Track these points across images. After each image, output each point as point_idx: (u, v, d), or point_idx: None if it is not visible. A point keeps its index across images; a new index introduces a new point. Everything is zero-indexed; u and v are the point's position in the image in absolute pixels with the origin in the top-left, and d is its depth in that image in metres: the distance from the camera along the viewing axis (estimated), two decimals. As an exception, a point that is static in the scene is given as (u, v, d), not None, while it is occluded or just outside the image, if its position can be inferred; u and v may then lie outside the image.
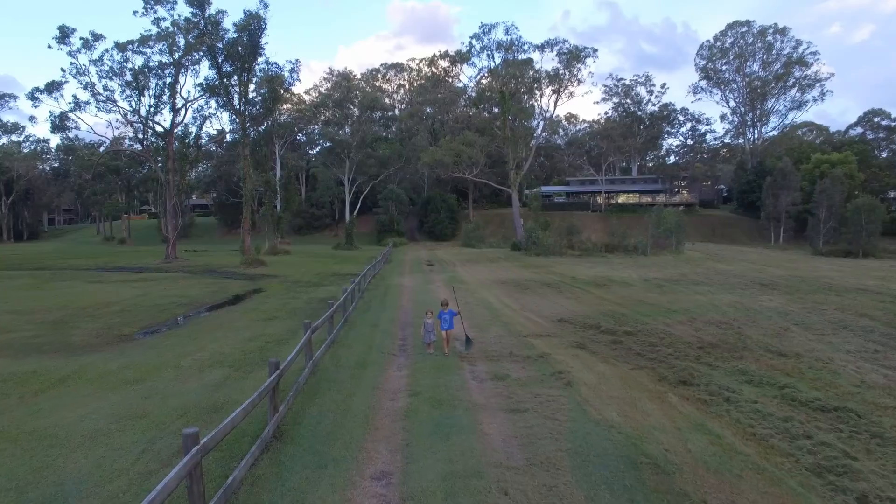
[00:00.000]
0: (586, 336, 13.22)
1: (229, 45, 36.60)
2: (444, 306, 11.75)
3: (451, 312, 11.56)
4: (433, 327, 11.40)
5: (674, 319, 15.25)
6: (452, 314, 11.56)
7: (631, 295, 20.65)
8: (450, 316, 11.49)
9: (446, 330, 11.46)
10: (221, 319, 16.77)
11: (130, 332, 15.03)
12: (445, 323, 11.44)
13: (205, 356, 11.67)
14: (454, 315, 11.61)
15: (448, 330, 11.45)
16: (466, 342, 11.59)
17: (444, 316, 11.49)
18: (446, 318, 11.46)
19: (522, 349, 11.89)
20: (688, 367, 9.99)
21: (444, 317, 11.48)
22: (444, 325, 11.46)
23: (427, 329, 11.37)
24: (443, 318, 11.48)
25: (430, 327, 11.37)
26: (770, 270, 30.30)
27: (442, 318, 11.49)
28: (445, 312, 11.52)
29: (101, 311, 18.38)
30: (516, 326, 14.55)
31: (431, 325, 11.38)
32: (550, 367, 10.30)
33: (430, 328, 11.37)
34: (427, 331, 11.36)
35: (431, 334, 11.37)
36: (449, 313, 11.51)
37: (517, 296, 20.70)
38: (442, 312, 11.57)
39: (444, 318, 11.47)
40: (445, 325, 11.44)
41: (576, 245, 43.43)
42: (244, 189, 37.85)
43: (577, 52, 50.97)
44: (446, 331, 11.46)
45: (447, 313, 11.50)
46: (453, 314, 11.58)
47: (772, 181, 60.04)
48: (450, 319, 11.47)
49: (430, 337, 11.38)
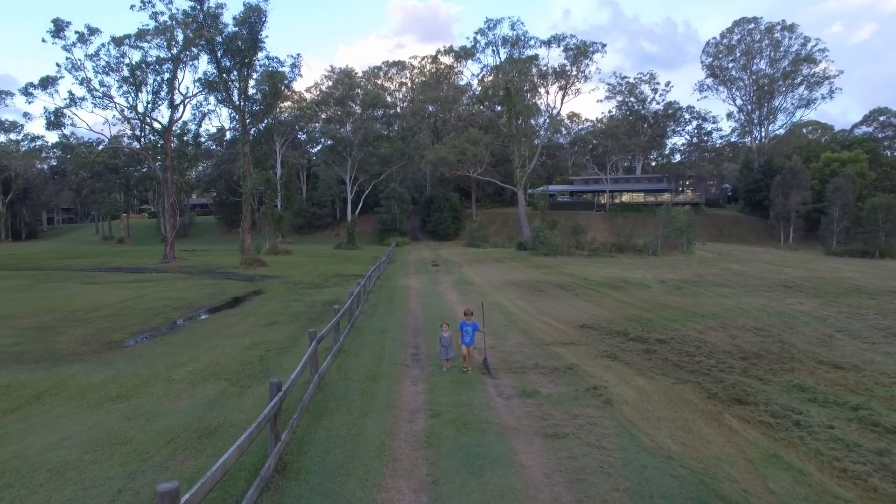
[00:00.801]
0: (614, 344, 12.16)
1: (229, 38, 35.54)
2: (467, 316, 10.06)
3: (475, 326, 9.91)
4: (451, 341, 9.90)
5: (704, 325, 14.19)
6: (475, 328, 9.91)
7: (651, 298, 19.59)
8: (472, 329, 9.85)
9: (467, 345, 9.82)
10: (219, 324, 15.72)
11: (120, 339, 13.97)
12: (467, 336, 9.80)
13: (199, 367, 10.62)
14: (477, 330, 9.96)
15: (469, 345, 9.82)
16: (484, 365, 9.92)
17: (465, 328, 9.85)
18: (468, 330, 9.81)
19: (548, 359, 10.84)
20: (737, 382, 8.93)
21: (465, 329, 9.85)
22: (464, 338, 9.82)
23: (444, 344, 9.85)
24: (464, 331, 9.84)
25: (447, 342, 9.86)
26: (788, 271, 29.23)
27: (463, 331, 9.86)
28: (468, 324, 9.86)
29: (92, 314, 17.33)
30: (536, 333, 13.49)
31: (449, 340, 9.88)
32: (583, 382, 9.25)
33: (447, 342, 9.86)
34: (444, 346, 9.85)
35: (449, 350, 9.88)
36: (472, 326, 9.86)
37: (532, 298, 19.63)
38: (463, 324, 9.92)
39: (465, 331, 9.83)
40: (467, 339, 9.80)
41: (584, 245, 42.33)
42: (244, 187, 36.79)
43: (584, 47, 49.82)
44: (467, 346, 9.83)
45: (469, 325, 9.85)
46: (476, 328, 9.93)
47: (781, 180, 58.92)
48: (472, 333, 9.82)
49: (447, 353, 9.88)
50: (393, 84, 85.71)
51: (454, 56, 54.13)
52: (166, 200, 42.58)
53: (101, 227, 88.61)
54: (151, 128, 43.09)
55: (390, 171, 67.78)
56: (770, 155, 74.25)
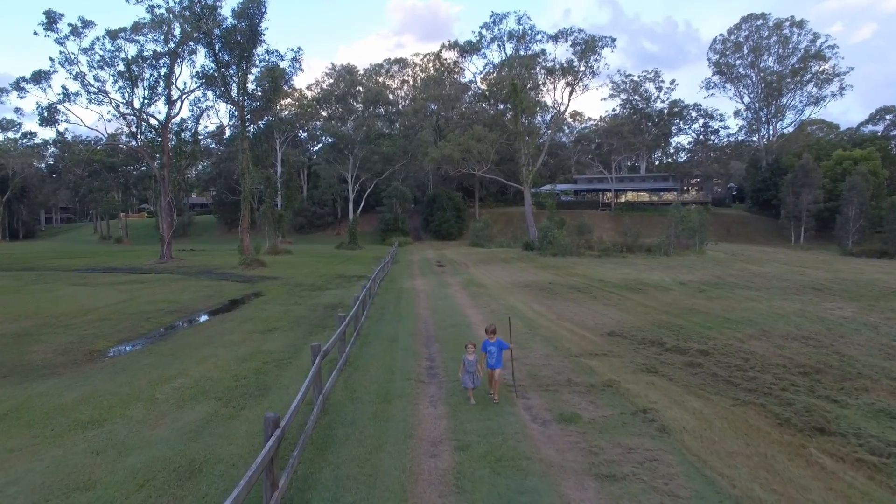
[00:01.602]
0: (651, 356, 10.94)
1: (227, 31, 34.29)
2: (490, 335, 8.34)
3: (501, 344, 8.24)
4: (476, 366, 8.12)
5: (743, 333, 12.95)
6: (502, 346, 8.25)
7: (675, 301, 18.35)
8: (498, 349, 8.20)
9: (493, 368, 8.21)
10: (213, 331, 14.50)
11: (104, 348, 12.76)
12: (492, 357, 8.17)
13: (187, 383, 9.40)
14: (505, 349, 8.31)
15: (496, 368, 8.22)
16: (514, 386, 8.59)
17: (489, 348, 8.21)
18: (493, 351, 8.18)
19: (581, 374, 9.61)
20: (809, 405, 7.70)
21: (489, 349, 8.20)
22: (490, 360, 8.19)
23: (468, 369, 8.07)
24: (489, 352, 8.20)
25: (472, 366, 8.06)
26: (810, 272, 27.98)
27: (488, 352, 8.21)
28: (492, 343, 8.21)
29: (77, 319, 16.12)
30: (561, 342, 12.26)
31: (475, 364, 8.08)
32: (628, 402, 8.03)
33: (472, 367, 8.06)
34: (468, 371, 8.08)
35: (475, 377, 8.09)
36: (497, 345, 8.20)
37: (548, 302, 18.40)
38: (487, 343, 8.27)
39: (490, 352, 8.19)
40: (492, 361, 8.19)
41: (594, 245, 41.09)
42: (243, 185, 35.57)
43: (592, 41, 48.53)
44: (493, 369, 8.22)
45: (494, 345, 8.20)
46: (503, 347, 8.26)
47: (792, 178, 57.63)
48: (498, 353, 8.21)
49: (472, 381, 8.10)
50: (395, 82, 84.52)
51: (459, 51, 52.87)
52: (163, 199, 41.37)
53: (99, 227, 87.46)
54: (148, 124, 41.91)
55: (392, 169, 66.52)
56: (778, 153, 72.98)
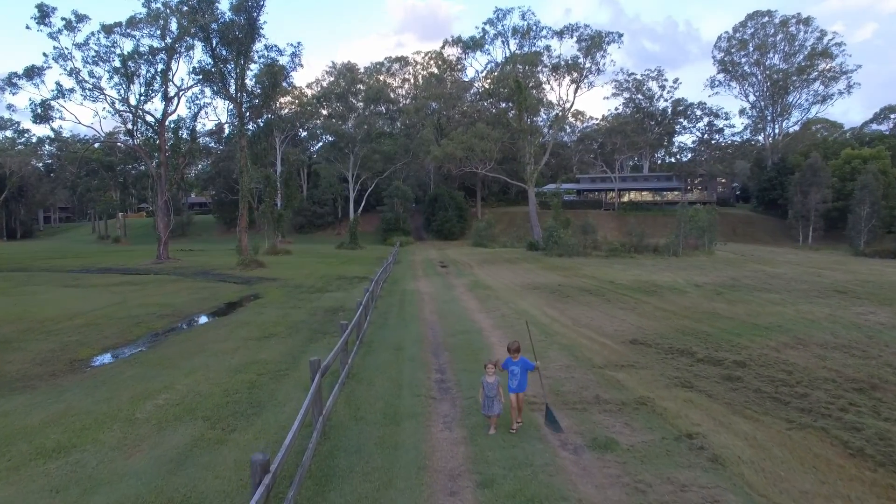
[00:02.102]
0: (682, 367, 10.00)
1: (225, 26, 33.34)
2: (513, 353, 7.08)
3: (525, 364, 7.05)
4: (498, 390, 6.89)
5: (776, 341, 12.02)
6: (527, 366, 7.06)
7: (694, 305, 17.41)
8: (522, 369, 7.02)
9: (515, 392, 7.02)
10: (205, 338, 13.57)
11: (87, 356, 11.84)
12: (514, 379, 6.98)
13: (172, 399, 8.47)
14: (530, 369, 7.11)
15: (519, 392, 7.03)
16: (548, 418, 7.11)
17: (512, 369, 7.02)
18: (516, 371, 6.99)
19: (608, 389, 8.68)
20: (880, 430, 6.78)
21: (512, 370, 7.01)
22: (511, 382, 7.01)
23: (488, 393, 6.87)
24: (511, 373, 7.02)
25: (493, 390, 6.85)
26: (827, 274, 27.03)
27: (510, 373, 7.02)
28: (515, 363, 7.02)
29: (62, 324, 15.20)
30: (581, 350, 11.33)
31: (496, 388, 6.85)
32: (667, 424, 7.09)
33: (493, 391, 6.85)
34: (488, 396, 6.87)
35: (495, 402, 6.88)
36: (521, 365, 7.02)
37: (560, 306, 17.46)
38: (509, 363, 7.07)
39: (512, 373, 7.01)
40: (514, 384, 6.99)
41: (600, 245, 40.16)
42: (241, 184, 34.63)
43: (599, 37, 47.56)
44: (516, 393, 7.03)
45: (517, 365, 7.01)
46: (528, 367, 7.08)
47: (800, 177, 56.67)
48: (522, 375, 7.02)
49: (493, 408, 6.91)
50: (396, 80, 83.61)
51: (462, 46, 51.90)
52: (160, 198, 40.47)
53: (97, 227, 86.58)
54: (144, 121, 40.98)
55: (393, 168, 65.57)
56: (784, 153, 72.05)
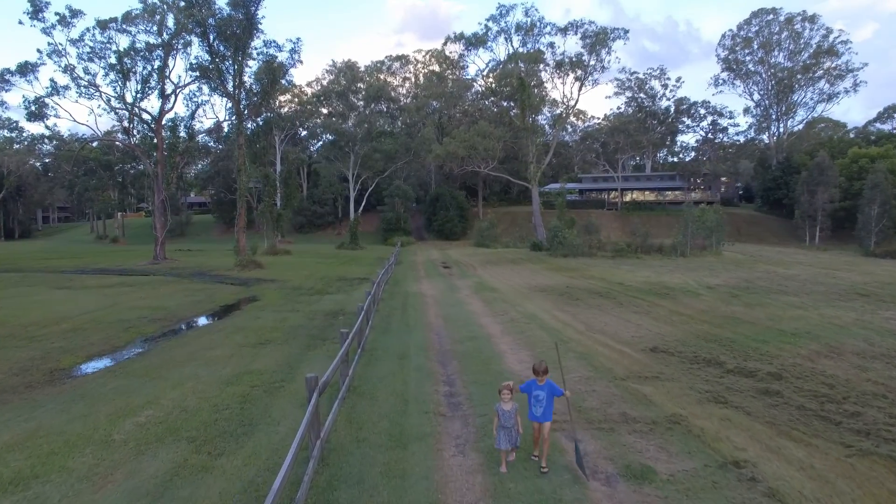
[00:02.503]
0: (711, 379, 9.21)
1: (222, 20, 32.52)
2: (540, 375, 5.86)
3: (553, 389, 5.89)
4: (516, 419, 5.78)
5: (807, 349, 11.23)
6: (554, 391, 5.90)
7: (710, 308, 16.62)
8: (548, 394, 5.85)
9: (539, 422, 5.88)
10: (197, 344, 12.79)
11: (70, 365, 11.06)
12: (538, 406, 5.85)
13: (156, 416, 7.70)
14: (557, 395, 5.91)
15: (545, 422, 5.87)
16: (577, 460, 5.84)
17: (536, 393, 5.86)
18: (541, 397, 5.84)
19: (635, 404, 7.90)
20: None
21: (536, 395, 5.86)
22: (534, 410, 5.87)
23: (504, 423, 5.75)
24: (535, 398, 5.87)
25: (510, 419, 5.73)
26: (843, 275, 26.23)
27: (534, 398, 5.88)
28: (541, 387, 5.86)
29: (48, 329, 14.43)
30: (599, 360, 10.55)
31: (514, 416, 5.74)
32: (708, 448, 6.31)
33: (509, 421, 5.73)
34: (504, 426, 5.76)
35: (513, 434, 5.78)
36: (547, 389, 5.87)
37: (571, 309, 16.67)
38: (533, 386, 5.91)
39: (536, 398, 5.86)
40: (538, 412, 5.85)
41: (606, 246, 39.38)
42: (239, 182, 33.82)
43: (604, 34, 46.74)
44: (540, 423, 5.88)
45: (543, 389, 5.86)
46: (556, 393, 5.90)
47: (807, 176, 55.86)
48: (548, 401, 5.86)
49: (509, 441, 5.79)
50: (396, 79, 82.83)
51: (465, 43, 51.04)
52: (156, 197, 39.72)
53: (95, 226, 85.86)
54: (140, 119, 40.21)
55: (394, 167, 64.77)
56: (789, 152, 71.26)
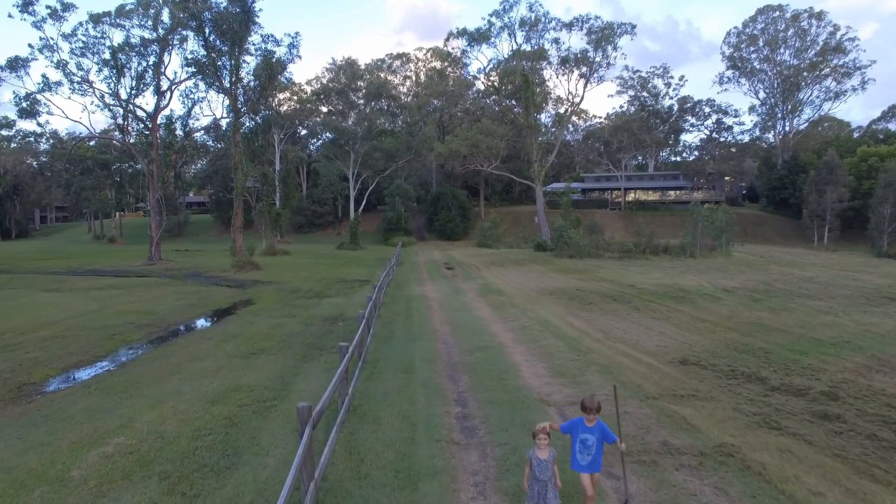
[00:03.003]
0: (755, 398, 8.19)
1: (219, 14, 31.51)
2: (590, 414, 4.65)
3: (604, 433, 4.69)
4: (554, 470, 4.55)
5: (853, 362, 10.22)
6: (604, 436, 4.69)
7: (734, 314, 15.61)
8: (598, 438, 4.66)
9: (586, 472, 4.73)
10: (184, 354, 11.78)
11: (41, 380, 10.05)
12: (586, 454, 4.67)
13: (126, 445, 6.68)
14: (610, 441, 4.73)
15: (593, 473, 4.78)
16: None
17: (584, 437, 4.68)
18: (590, 442, 4.65)
19: (676, 431, 6.89)
20: None
21: (584, 439, 4.68)
22: (582, 457, 4.70)
23: (540, 475, 4.51)
24: (583, 443, 4.68)
25: (546, 471, 4.49)
26: (863, 277, 25.24)
27: (581, 443, 4.68)
28: (590, 429, 4.66)
29: (25, 337, 13.42)
30: (625, 373, 9.54)
31: (551, 467, 4.52)
32: (777, 492, 5.29)
33: (546, 473, 4.50)
34: (539, 479, 4.51)
35: (548, 489, 4.50)
36: (599, 432, 4.67)
37: (585, 315, 15.66)
38: (581, 427, 4.70)
39: (584, 444, 4.68)
40: (587, 461, 4.69)
41: (613, 246, 38.37)
42: (235, 180, 32.80)
43: (610, 29, 45.69)
44: (587, 474, 4.74)
45: (593, 432, 4.66)
46: (608, 439, 4.71)
47: (816, 176, 54.83)
48: (598, 447, 4.67)
49: (544, 496, 4.50)
50: (397, 78, 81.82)
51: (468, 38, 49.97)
52: (152, 196, 38.76)
53: (93, 226, 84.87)
54: (135, 116, 39.21)
55: (395, 166, 63.72)
56: (794, 151, 70.24)
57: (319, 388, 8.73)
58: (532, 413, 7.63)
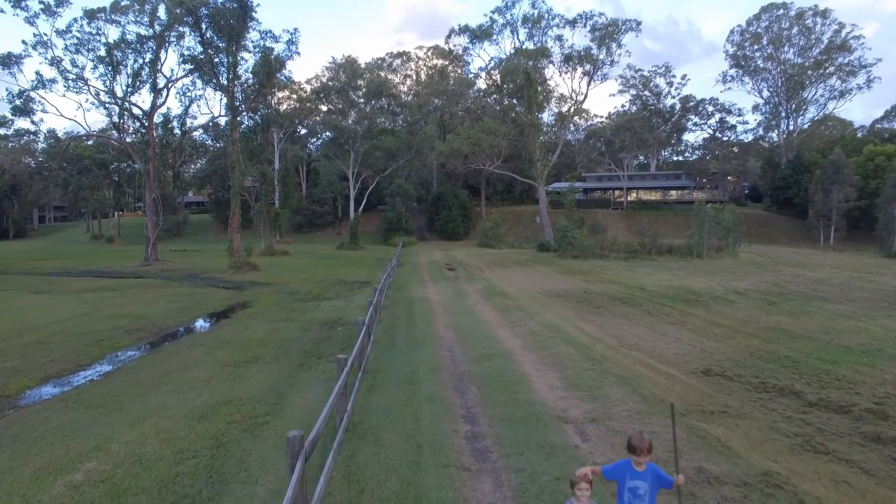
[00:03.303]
0: (793, 415, 7.49)
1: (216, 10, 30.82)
2: (640, 456, 3.73)
3: (659, 476, 3.77)
4: None
5: (892, 373, 9.52)
6: (661, 481, 3.77)
7: (751, 319, 14.90)
8: (651, 485, 3.75)
9: None
10: (173, 362, 11.09)
11: (17, 391, 9.35)
12: (640, 502, 3.78)
13: (97, 472, 5.99)
14: (666, 486, 3.79)
15: None
16: None
17: (634, 485, 3.77)
18: (641, 491, 3.76)
19: (711, 454, 6.19)
20: None
21: (634, 488, 3.78)
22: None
23: None
24: (632, 492, 3.78)
25: None
26: (878, 279, 24.54)
27: (628, 492, 3.79)
28: (640, 474, 3.76)
29: (6, 343, 12.72)
30: (646, 385, 8.83)
31: None
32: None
33: None
34: None
35: None
36: (651, 477, 3.75)
37: (595, 319, 14.96)
38: (627, 470, 3.80)
39: (635, 493, 3.78)
40: None
41: (618, 246, 37.66)
42: (233, 179, 32.14)
43: (615, 26, 44.99)
44: None
45: (645, 477, 3.76)
46: (664, 483, 3.77)
47: (822, 175, 54.11)
48: (650, 495, 3.76)
49: None
50: (397, 77, 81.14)
51: (469, 35, 49.25)
52: (148, 196, 38.06)
53: (91, 226, 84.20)
54: (131, 114, 38.53)
55: (395, 165, 63.03)
56: (798, 150, 69.50)
57: (316, 401, 8.07)
58: (549, 432, 6.94)
